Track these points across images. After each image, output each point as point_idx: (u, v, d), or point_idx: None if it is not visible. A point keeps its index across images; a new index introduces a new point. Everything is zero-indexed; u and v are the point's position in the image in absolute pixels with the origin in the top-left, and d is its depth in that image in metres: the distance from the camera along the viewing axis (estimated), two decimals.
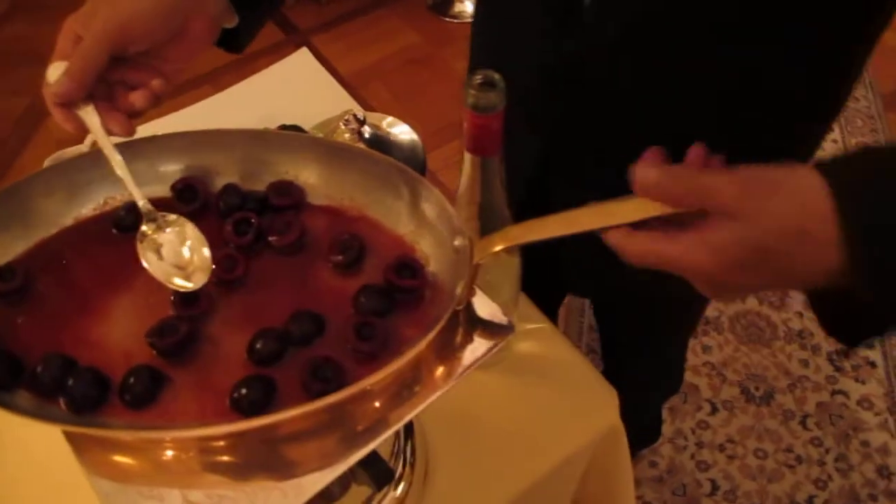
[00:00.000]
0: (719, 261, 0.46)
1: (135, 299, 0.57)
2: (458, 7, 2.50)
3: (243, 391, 0.51)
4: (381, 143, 0.98)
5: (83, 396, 0.51)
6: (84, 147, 0.95)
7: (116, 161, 0.57)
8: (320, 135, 0.96)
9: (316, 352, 0.54)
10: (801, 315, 1.76)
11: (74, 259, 0.59)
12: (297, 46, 1.54)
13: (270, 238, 0.59)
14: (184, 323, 0.54)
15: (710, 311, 1.75)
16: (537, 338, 0.82)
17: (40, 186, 0.60)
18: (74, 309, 0.57)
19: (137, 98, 0.59)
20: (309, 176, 0.62)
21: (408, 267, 0.57)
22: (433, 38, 2.40)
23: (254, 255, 0.59)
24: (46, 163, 0.97)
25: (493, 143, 0.55)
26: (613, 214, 0.50)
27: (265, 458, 0.52)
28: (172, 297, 0.56)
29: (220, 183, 0.62)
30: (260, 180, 0.62)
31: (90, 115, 0.58)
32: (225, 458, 0.54)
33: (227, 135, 0.62)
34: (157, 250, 0.57)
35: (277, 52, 1.46)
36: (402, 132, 1.03)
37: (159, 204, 0.60)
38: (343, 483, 0.65)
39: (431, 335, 0.52)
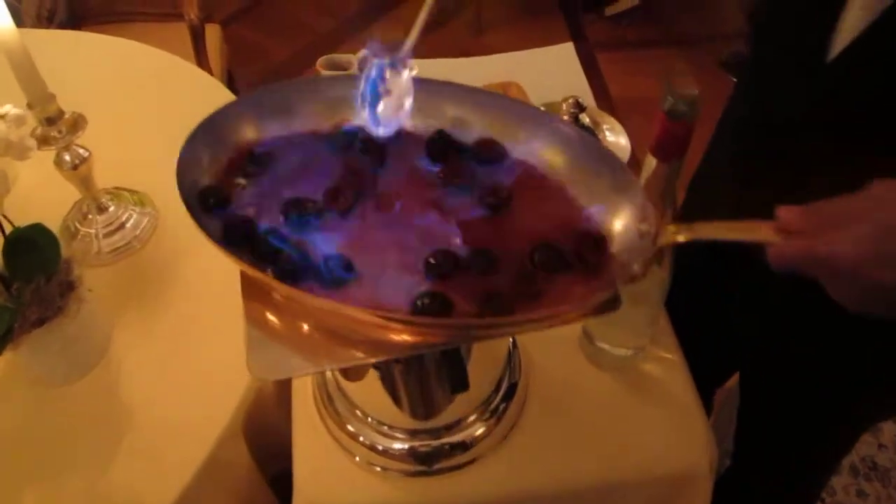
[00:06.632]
0: (861, 251, 0.49)
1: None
2: None
3: (426, 301, 0.57)
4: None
5: (289, 270, 0.59)
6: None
7: None
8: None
9: (486, 283, 0.59)
10: None
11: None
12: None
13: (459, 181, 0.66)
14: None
15: (882, 459, 1.62)
16: (664, 366, 0.85)
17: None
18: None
19: None
20: (516, 142, 0.69)
21: (592, 239, 0.62)
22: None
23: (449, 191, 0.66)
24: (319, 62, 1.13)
25: (676, 150, 0.59)
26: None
27: None
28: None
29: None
30: (468, 134, 0.69)
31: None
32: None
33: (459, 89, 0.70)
34: None
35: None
36: (615, 136, 1.02)
37: None
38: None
39: (598, 298, 0.57)
